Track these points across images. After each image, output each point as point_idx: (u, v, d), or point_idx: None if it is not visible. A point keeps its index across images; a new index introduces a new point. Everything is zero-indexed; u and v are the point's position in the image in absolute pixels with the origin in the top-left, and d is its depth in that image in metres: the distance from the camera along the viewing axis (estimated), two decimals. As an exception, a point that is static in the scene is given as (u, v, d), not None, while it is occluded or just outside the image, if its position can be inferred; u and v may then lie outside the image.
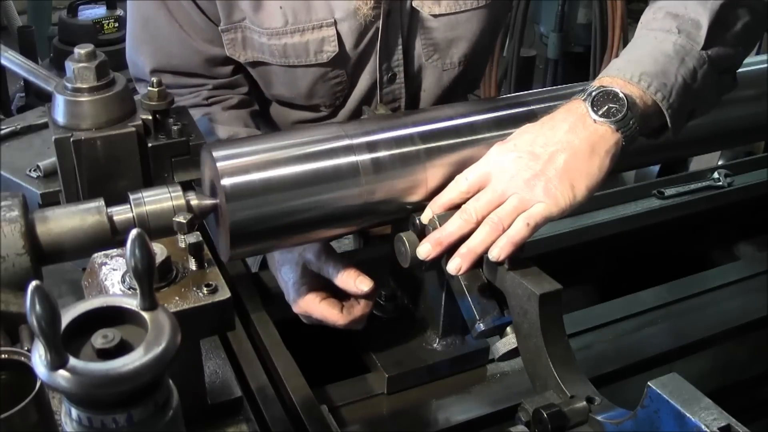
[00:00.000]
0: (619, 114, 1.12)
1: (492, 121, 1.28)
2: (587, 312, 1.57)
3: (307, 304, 1.30)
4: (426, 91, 1.61)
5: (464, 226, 1.11)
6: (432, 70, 1.57)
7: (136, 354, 0.68)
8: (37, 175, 1.67)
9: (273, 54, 1.47)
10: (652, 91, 1.16)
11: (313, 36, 1.44)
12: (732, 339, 1.54)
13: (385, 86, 1.56)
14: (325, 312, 1.29)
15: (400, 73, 1.55)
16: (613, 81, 1.16)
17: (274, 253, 1.37)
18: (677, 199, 1.85)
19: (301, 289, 1.31)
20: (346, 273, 1.27)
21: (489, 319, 1.12)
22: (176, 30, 1.47)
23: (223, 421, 1.08)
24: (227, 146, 1.20)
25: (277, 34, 1.44)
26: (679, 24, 1.21)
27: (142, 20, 1.51)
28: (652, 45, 1.21)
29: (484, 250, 1.09)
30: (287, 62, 1.48)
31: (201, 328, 0.97)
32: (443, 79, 1.59)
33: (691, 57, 1.20)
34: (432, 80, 1.59)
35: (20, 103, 3.70)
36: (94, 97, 1.22)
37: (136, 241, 0.72)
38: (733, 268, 1.76)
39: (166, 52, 1.50)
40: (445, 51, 1.55)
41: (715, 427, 0.78)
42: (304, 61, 1.48)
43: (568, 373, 1.03)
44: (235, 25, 1.46)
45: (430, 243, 1.12)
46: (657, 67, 1.17)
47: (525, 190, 1.09)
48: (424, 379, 1.34)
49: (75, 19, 4.10)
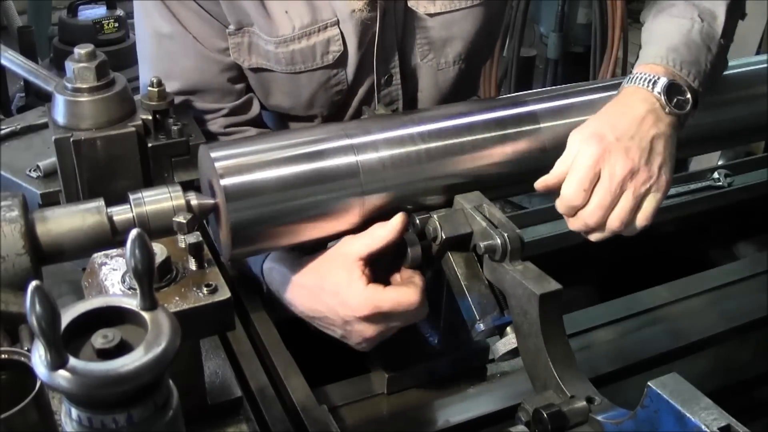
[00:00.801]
0: (687, 106, 1.23)
1: (492, 121, 1.28)
2: (587, 312, 1.57)
3: (375, 296, 1.15)
4: (423, 92, 1.60)
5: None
6: (427, 70, 1.57)
7: (136, 354, 0.68)
8: (37, 175, 1.67)
9: (279, 61, 1.46)
10: (693, 81, 1.25)
11: (320, 38, 1.44)
12: (732, 339, 1.54)
13: (382, 88, 1.55)
14: (397, 296, 1.15)
15: (396, 75, 1.54)
16: (657, 69, 1.25)
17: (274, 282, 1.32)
18: (677, 199, 1.85)
19: (356, 286, 1.16)
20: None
21: (489, 319, 1.12)
22: (191, 42, 1.45)
23: (223, 421, 1.08)
24: (226, 146, 1.20)
25: (285, 42, 1.43)
26: (700, 12, 1.31)
27: (156, 38, 1.47)
28: (681, 32, 1.30)
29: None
30: (293, 69, 1.47)
31: (201, 328, 0.97)
32: (439, 79, 1.58)
33: (714, 45, 1.30)
34: (428, 81, 1.58)
35: (20, 103, 3.70)
36: (94, 97, 1.22)
37: (136, 241, 0.72)
38: (733, 268, 1.76)
39: (183, 67, 1.47)
40: (440, 50, 1.54)
41: (715, 427, 0.78)
42: (310, 66, 1.47)
43: (568, 373, 1.03)
44: (243, 30, 1.44)
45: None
46: (692, 56, 1.27)
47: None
48: (424, 379, 1.34)
49: (75, 19, 4.10)
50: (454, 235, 1.16)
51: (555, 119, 1.31)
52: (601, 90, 1.39)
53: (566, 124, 1.31)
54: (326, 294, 1.20)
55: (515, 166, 1.28)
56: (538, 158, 1.29)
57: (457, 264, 1.16)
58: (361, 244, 1.18)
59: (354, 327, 1.20)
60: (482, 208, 1.18)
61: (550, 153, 1.28)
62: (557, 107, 1.33)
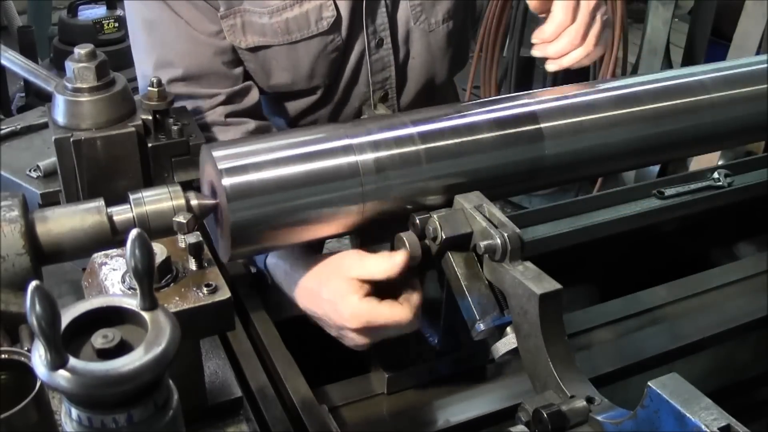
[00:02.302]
0: None
1: (492, 121, 1.28)
2: (587, 312, 1.57)
3: (368, 312, 1.17)
4: (415, 58, 1.65)
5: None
6: (420, 34, 1.62)
7: (136, 354, 0.68)
8: (37, 175, 1.67)
9: (276, 33, 1.49)
10: None
11: (311, 4, 1.48)
12: (732, 339, 1.54)
13: (373, 52, 1.59)
14: (390, 313, 1.17)
15: (386, 38, 1.59)
16: None
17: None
18: (677, 199, 1.84)
19: (351, 299, 1.18)
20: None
21: (489, 319, 1.12)
22: (182, 27, 1.47)
23: (223, 421, 1.08)
24: (227, 146, 1.20)
25: (278, 11, 1.47)
26: None
27: (147, 25, 1.50)
28: None
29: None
30: (290, 39, 1.50)
31: (201, 328, 0.97)
32: (431, 42, 1.63)
33: None
34: (420, 45, 1.63)
35: (20, 103, 3.70)
36: (94, 97, 1.22)
37: (136, 241, 0.72)
38: (733, 268, 1.76)
39: (177, 52, 1.49)
40: (431, 10, 1.61)
41: (715, 427, 0.78)
42: (306, 34, 1.50)
43: (568, 373, 1.03)
44: (234, 9, 1.47)
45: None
46: None
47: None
48: (424, 379, 1.34)
49: (75, 19, 4.10)
50: (454, 235, 1.15)
51: (555, 119, 1.31)
52: (601, 90, 1.39)
53: (566, 124, 1.31)
54: (323, 301, 1.22)
55: (515, 166, 1.28)
56: (538, 158, 1.29)
57: (457, 264, 1.16)
58: (361, 267, 1.19)
59: (347, 334, 1.22)
60: (482, 208, 1.18)
61: (550, 153, 1.28)
62: (557, 107, 1.33)
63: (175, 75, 1.49)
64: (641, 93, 1.38)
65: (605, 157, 1.37)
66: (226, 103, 1.53)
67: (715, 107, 1.42)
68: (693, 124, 1.29)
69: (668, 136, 1.40)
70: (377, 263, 1.19)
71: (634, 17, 4.97)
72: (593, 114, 1.33)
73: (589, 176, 2.26)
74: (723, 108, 1.44)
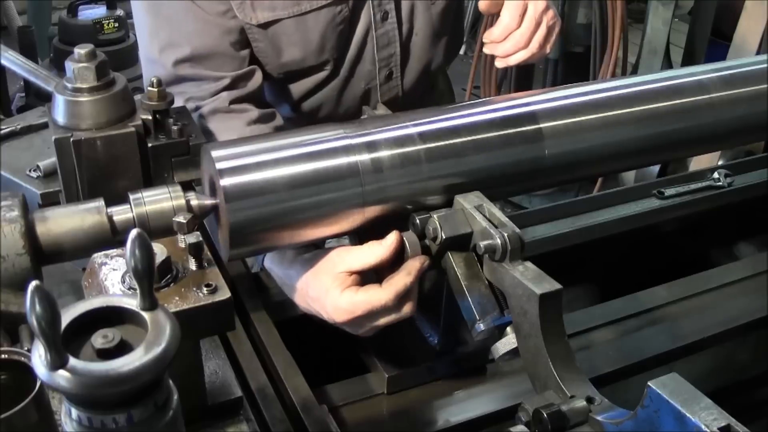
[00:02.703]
0: None
1: (492, 121, 1.28)
2: (587, 312, 1.57)
3: (348, 303, 1.19)
4: (418, 34, 1.68)
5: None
6: (422, 8, 1.65)
7: (136, 354, 0.68)
8: (37, 175, 1.67)
9: (285, 5, 1.50)
10: None
11: None
12: (732, 339, 1.54)
13: (379, 26, 1.61)
14: (368, 298, 1.17)
15: (391, 11, 1.61)
16: None
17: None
18: (677, 199, 1.84)
19: (333, 294, 1.20)
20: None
21: (489, 319, 1.12)
22: (190, 6, 1.47)
23: (223, 421, 1.08)
24: (227, 146, 1.20)
25: None
26: None
27: (153, 7, 1.50)
28: None
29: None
30: (299, 10, 1.51)
31: (201, 328, 0.97)
32: (432, 15, 1.67)
33: None
34: (423, 20, 1.67)
35: (20, 103, 3.70)
36: (94, 97, 1.22)
37: (136, 241, 0.72)
38: (733, 268, 1.76)
39: (184, 32, 1.49)
40: None
41: (715, 427, 0.78)
42: (315, 5, 1.52)
43: (568, 373, 1.03)
44: None
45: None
46: None
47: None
48: (424, 379, 1.34)
49: (75, 19, 4.11)
50: (454, 235, 1.16)
51: (555, 119, 1.31)
52: (600, 90, 1.39)
53: (566, 124, 1.31)
54: (311, 299, 1.27)
55: (515, 166, 1.28)
56: (537, 158, 1.29)
57: (457, 264, 1.16)
58: (352, 258, 1.21)
59: (342, 327, 1.24)
60: (482, 208, 1.18)
61: (550, 153, 1.29)
62: (557, 107, 1.33)
63: (182, 55, 1.49)
64: (641, 93, 1.38)
65: (605, 157, 1.37)
66: (230, 87, 1.53)
67: (715, 107, 1.42)
68: (693, 124, 1.29)
69: (668, 136, 1.40)
70: (357, 254, 1.21)
71: (634, 17, 4.98)
72: (593, 114, 1.33)
73: (589, 176, 2.25)
74: (723, 108, 1.44)
